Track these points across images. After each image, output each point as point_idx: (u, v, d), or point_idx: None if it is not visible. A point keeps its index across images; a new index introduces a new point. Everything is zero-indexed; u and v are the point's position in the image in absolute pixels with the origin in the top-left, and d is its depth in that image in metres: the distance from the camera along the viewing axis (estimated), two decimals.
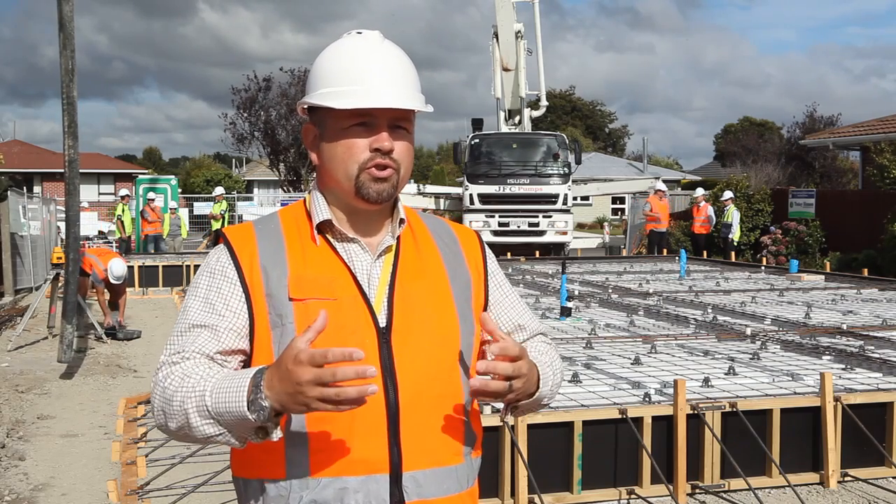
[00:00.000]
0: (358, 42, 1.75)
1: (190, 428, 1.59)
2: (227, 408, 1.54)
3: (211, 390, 1.56)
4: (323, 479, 1.65)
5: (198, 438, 1.60)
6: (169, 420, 1.62)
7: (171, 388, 1.62)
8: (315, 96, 1.74)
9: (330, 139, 1.74)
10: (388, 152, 1.71)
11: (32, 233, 17.71)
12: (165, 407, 1.62)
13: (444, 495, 1.71)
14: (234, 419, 1.53)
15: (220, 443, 1.60)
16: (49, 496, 5.47)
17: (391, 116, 1.71)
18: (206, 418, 1.57)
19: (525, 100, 22.54)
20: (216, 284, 1.73)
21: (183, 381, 1.61)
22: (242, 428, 1.54)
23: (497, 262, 1.97)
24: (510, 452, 4.83)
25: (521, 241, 19.26)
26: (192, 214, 33.62)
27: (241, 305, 1.71)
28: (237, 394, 1.53)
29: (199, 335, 1.69)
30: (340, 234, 1.77)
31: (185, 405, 1.58)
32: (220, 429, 1.56)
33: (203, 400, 1.56)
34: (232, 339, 1.69)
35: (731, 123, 62.50)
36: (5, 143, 48.12)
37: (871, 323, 8.24)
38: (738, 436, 5.17)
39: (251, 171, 57.90)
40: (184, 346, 1.68)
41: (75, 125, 8.75)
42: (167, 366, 1.67)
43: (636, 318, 8.78)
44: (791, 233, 20.27)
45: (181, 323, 1.73)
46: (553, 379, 1.82)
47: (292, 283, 1.70)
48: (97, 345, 10.92)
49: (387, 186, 1.73)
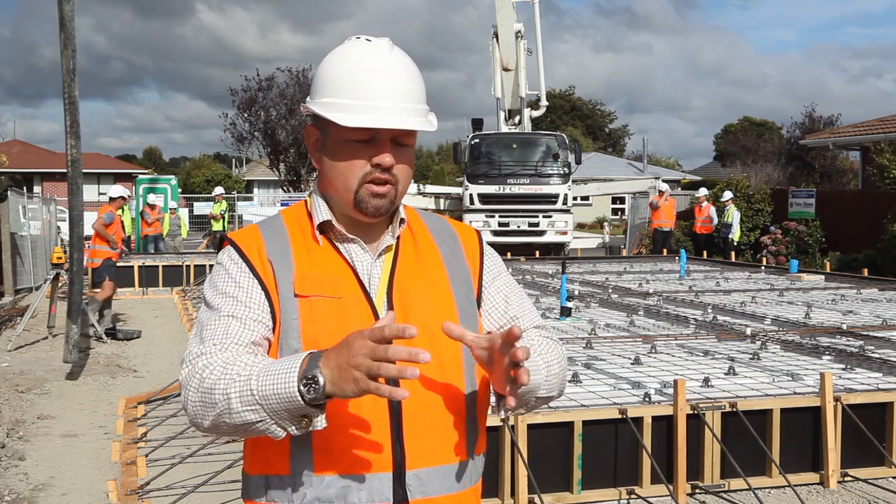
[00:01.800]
0: (366, 51, 1.73)
1: (230, 414, 1.55)
2: (275, 389, 1.51)
3: (258, 375, 1.54)
4: (326, 476, 1.65)
5: (236, 427, 1.57)
6: (207, 410, 1.59)
7: (212, 377, 1.59)
8: (320, 105, 1.73)
9: (332, 149, 1.75)
10: (389, 168, 1.72)
11: (32, 233, 17.70)
12: (205, 397, 1.59)
13: (447, 493, 1.71)
14: (280, 402, 1.51)
15: (259, 432, 1.57)
16: (49, 496, 5.47)
17: (394, 133, 1.72)
18: (248, 404, 1.54)
19: (525, 100, 22.54)
20: (234, 278, 1.73)
21: (226, 369, 1.59)
22: (286, 413, 1.52)
23: (499, 259, 1.95)
24: (510, 452, 4.84)
25: (521, 241, 19.26)
26: (192, 214, 33.63)
27: (262, 297, 1.71)
28: (287, 375, 1.51)
29: (230, 326, 1.68)
30: (341, 235, 1.78)
31: (229, 391, 1.55)
32: (261, 415, 1.53)
33: (248, 384, 1.54)
34: (259, 329, 1.68)
35: (731, 123, 62.53)
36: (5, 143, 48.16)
37: (871, 323, 8.24)
38: (738, 436, 5.17)
39: (251, 171, 57.88)
40: (217, 338, 1.67)
41: (77, 125, 8.75)
42: (204, 356, 1.64)
43: (636, 318, 8.78)
44: (791, 233, 20.27)
45: (208, 317, 1.71)
46: (547, 370, 1.75)
47: (298, 281, 1.71)
48: (97, 345, 10.92)
49: (384, 202, 1.73)
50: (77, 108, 8.80)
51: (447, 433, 1.72)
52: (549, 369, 1.77)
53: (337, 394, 1.49)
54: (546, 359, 1.77)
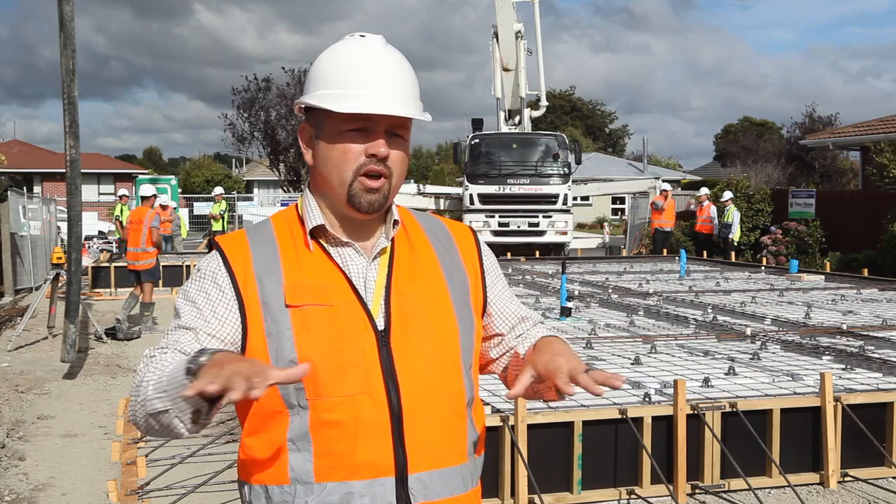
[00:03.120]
0: (360, 45, 1.74)
1: (146, 402, 1.58)
2: (173, 374, 1.53)
3: (172, 367, 1.57)
4: (328, 484, 1.65)
5: (149, 420, 1.59)
6: (138, 406, 1.61)
7: (145, 373, 1.63)
8: (313, 97, 1.73)
9: (326, 141, 1.73)
10: (384, 159, 1.71)
11: (32, 233, 17.71)
12: (136, 391, 1.63)
13: (449, 496, 1.71)
14: (175, 387, 1.52)
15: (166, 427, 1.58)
16: (49, 496, 5.47)
17: (389, 123, 1.71)
18: (158, 391, 1.56)
19: (525, 100, 22.55)
20: (205, 289, 1.73)
21: (156, 366, 1.62)
22: (183, 402, 1.52)
23: (494, 258, 1.96)
24: (510, 452, 4.83)
25: (521, 241, 19.27)
26: (191, 214, 33.65)
27: (228, 313, 1.70)
28: (182, 365, 1.53)
29: (183, 336, 1.69)
30: (334, 239, 1.76)
31: (148, 381, 1.59)
32: (166, 403, 1.55)
33: (163, 374, 1.58)
34: (211, 343, 1.68)
35: (731, 123, 62.51)
36: (5, 143, 48.12)
37: (871, 323, 8.24)
38: (738, 436, 5.17)
39: (251, 171, 57.85)
40: (167, 344, 1.69)
41: (76, 125, 8.75)
42: (146, 358, 1.67)
43: (636, 318, 8.78)
44: (791, 233, 20.26)
45: (170, 323, 1.75)
46: None
47: (288, 291, 1.69)
48: (97, 345, 10.93)
49: (378, 197, 1.72)
50: (76, 108, 8.80)
51: (448, 435, 1.72)
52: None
53: (204, 380, 1.44)
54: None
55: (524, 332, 1.90)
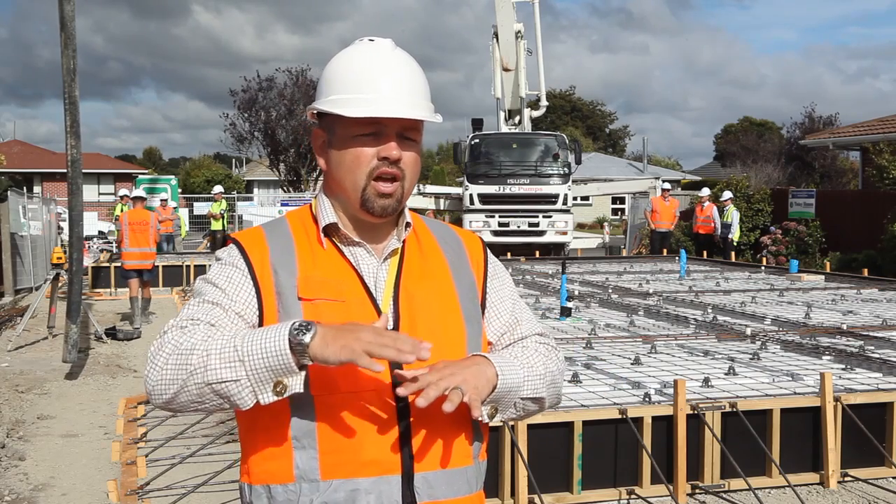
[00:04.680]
0: (369, 49, 1.75)
1: (205, 372, 1.55)
2: (263, 344, 1.53)
3: (243, 335, 1.56)
4: (334, 481, 1.65)
5: (202, 392, 1.56)
6: (178, 373, 1.57)
7: (192, 339, 1.59)
8: (325, 103, 1.74)
9: (338, 146, 1.75)
10: (396, 161, 1.72)
11: (32, 233, 17.70)
12: (180, 360, 1.58)
13: (454, 497, 1.71)
14: (265, 356, 1.52)
15: (223, 399, 1.56)
16: (49, 496, 5.47)
17: (400, 126, 1.72)
18: (228, 361, 1.54)
19: (525, 100, 22.54)
20: (227, 273, 1.74)
21: (209, 332, 1.60)
22: (266, 372, 1.52)
23: (503, 268, 1.95)
24: (510, 452, 4.84)
25: (521, 241, 19.26)
26: (191, 214, 33.64)
27: (251, 298, 1.71)
28: (278, 330, 1.53)
29: (212, 310, 1.69)
30: (346, 238, 1.78)
31: (209, 348, 1.56)
32: (239, 373, 1.53)
33: (232, 342, 1.55)
34: (238, 322, 1.68)
35: (731, 123, 62.51)
36: (5, 143, 48.13)
37: (871, 323, 8.24)
38: (738, 436, 5.17)
39: (251, 171, 57.85)
40: (195, 316, 1.68)
41: (77, 125, 8.75)
42: (177, 328, 1.64)
43: (636, 318, 8.78)
44: (791, 233, 20.26)
45: (192, 303, 1.73)
46: (527, 370, 1.75)
47: (301, 284, 1.71)
48: (97, 345, 10.93)
49: (391, 202, 1.73)
50: (77, 108, 8.80)
51: (454, 436, 1.72)
52: (531, 369, 1.76)
53: (319, 354, 1.51)
54: (528, 361, 1.78)
55: (512, 342, 1.85)
